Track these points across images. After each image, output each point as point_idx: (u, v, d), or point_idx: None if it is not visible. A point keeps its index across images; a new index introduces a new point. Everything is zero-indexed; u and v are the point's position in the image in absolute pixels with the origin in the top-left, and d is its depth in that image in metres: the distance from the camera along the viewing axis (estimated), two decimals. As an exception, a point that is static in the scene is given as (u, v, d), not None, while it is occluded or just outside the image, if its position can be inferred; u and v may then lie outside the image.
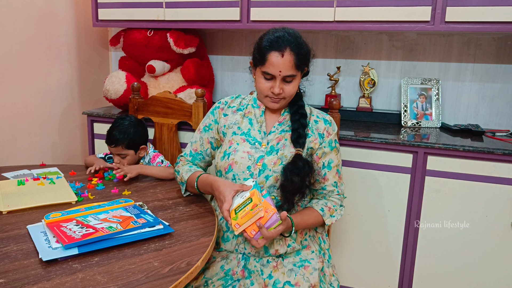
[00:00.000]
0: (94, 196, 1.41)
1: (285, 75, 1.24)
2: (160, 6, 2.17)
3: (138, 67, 2.37)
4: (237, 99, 1.44)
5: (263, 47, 1.25)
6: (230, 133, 1.36)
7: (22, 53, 2.13)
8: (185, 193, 1.42)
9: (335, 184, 1.36)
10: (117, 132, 1.64)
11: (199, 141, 1.44)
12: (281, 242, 1.26)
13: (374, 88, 2.20)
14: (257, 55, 1.28)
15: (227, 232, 1.29)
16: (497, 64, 2.05)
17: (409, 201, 1.80)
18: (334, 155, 1.35)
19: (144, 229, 1.12)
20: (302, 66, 1.28)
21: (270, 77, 1.25)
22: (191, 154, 1.45)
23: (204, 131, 1.44)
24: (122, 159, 1.67)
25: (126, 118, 1.71)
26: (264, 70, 1.25)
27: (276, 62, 1.22)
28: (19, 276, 0.91)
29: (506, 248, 1.70)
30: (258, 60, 1.27)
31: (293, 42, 1.24)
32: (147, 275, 0.93)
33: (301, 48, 1.26)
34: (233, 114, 1.40)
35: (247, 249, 1.26)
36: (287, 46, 1.22)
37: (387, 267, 1.88)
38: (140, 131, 1.71)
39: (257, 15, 2.02)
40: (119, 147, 1.65)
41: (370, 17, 1.86)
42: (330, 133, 1.35)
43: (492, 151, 1.64)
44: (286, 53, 1.22)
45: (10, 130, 2.11)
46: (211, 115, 1.44)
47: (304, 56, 1.27)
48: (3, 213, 1.24)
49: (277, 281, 1.20)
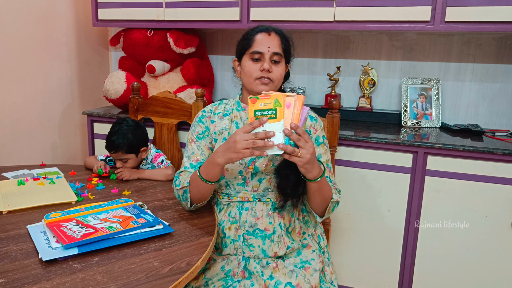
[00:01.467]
0: (94, 196, 1.41)
1: (273, 52, 1.26)
2: (160, 6, 2.17)
3: (138, 67, 2.37)
4: (220, 105, 1.41)
5: (250, 32, 1.32)
6: (221, 140, 1.34)
7: (22, 53, 2.13)
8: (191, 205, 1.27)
9: (328, 179, 1.34)
10: (116, 137, 1.63)
11: (197, 151, 1.34)
12: (279, 244, 1.26)
13: (374, 88, 2.20)
14: (243, 41, 1.32)
15: (225, 238, 1.28)
16: (497, 64, 2.05)
17: (409, 201, 1.80)
18: (322, 150, 1.33)
19: (144, 229, 1.12)
20: (287, 53, 1.31)
21: (259, 57, 1.27)
22: (192, 166, 1.33)
23: (198, 139, 1.36)
24: (125, 163, 1.67)
25: (124, 123, 1.69)
26: (253, 50, 1.27)
27: (265, 39, 1.28)
28: (19, 276, 0.90)
29: (506, 248, 1.70)
30: (245, 45, 1.30)
31: (277, 29, 1.32)
32: (147, 275, 0.93)
33: (285, 35, 1.33)
34: (220, 120, 1.37)
35: (246, 253, 1.26)
36: (273, 30, 1.31)
37: (387, 267, 1.88)
38: (139, 134, 1.70)
39: (257, 15, 2.02)
40: (120, 152, 1.65)
41: (370, 17, 1.86)
42: (316, 129, 1.34)
43: (492, 151, 1.64)
44: (273, 34, 1.29)
45: (10, 130, 2.11)
46: (200, 123, 1.38)
47: (288, 43, 1.32)
48: (3, 213, 1.24)
49: (278, 282, 1.20)
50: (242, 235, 1.25)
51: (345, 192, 1.86)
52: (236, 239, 1.26)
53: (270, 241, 1.25)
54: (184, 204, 1.28)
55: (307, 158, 1.07)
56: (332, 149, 1.65)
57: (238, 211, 1.28)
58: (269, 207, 1.27)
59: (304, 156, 1.06)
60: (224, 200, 1.31)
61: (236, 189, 1.29)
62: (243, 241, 1.25)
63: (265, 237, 1.25)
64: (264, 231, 1.25)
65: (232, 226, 1.27)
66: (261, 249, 1.25)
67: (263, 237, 1.25)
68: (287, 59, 1.33)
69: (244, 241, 1.25)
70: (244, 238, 1.25)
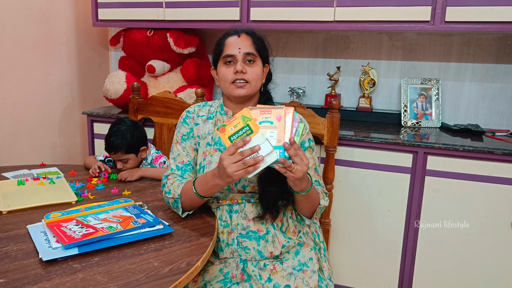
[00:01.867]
0: (94, 196, 1.41)
1: (245, 52, 1.26)
2: (160, 6, 2.17)
3: (138, 67, 2.37)
4: (204, 107, 1.39)
5: (221, 38, 1.32)
6: (204, 144, 1.33)
7: (22, 53, 2.13)
8: (182, 213, 1.26)
9: (316, 182, 1.34)
10: (114, 138, 1.63)
11: (183, 152, 1.34)
12: (274, 244, 1.25)
13: (374, 88, 2.20)
14: (216, 48, 1.32)
15: (220, 242, 1.28)
16: (497, 64, 2.05)
17: (409, 201, 1.80)
18: (309, 155, 1.31)
19: (144, 229, 1.12)
20: (261, 52, 1.30)
21: (231, 60, 1.26)
22: (178, 168, 1.32)
23: (183, 140, 1.35)
24: (125, 164, 1.67)
25: (122, 123, 1.69)
26: (225, 54, 1.27)
27: (234, 41, 1.27)
28: (19, 276, 0.90)
29: (506, 248, 1.70)
30: (217, 51, 1.31)
31: (248, 29, 1.32)
32: (147, 275, 0.93)
33: (256, 34, 1.32)
34: (204, 123, 1.35)
35: (242, 255, 1.26)
36: (242, 31, 1.30)
37: (387, 267, 1.88)
38: (138, 133, 1.69)
39: (257, 15, 2.02)
40: (119, 153, 1.64)
41: (370, 17, 1.86)
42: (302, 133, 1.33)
43: (492, 151, 1.64)
44: (242, 35, 1.29)
45: (10, 130, 2.11)
46: (185, 124, 1.37)
47: (261, 42, 1.31)
48: (3, 213, 1.24)
49: (277, 284, 1.20)
50: (235, 238, 1.25)
51: (345, 192, 1.86)
52: (231, 243, 1.25)
53: (264, 242, 1.24)
54: (174, 210, 1.28)
55: (299, 176, 1.07)
56: (332, 149, 1.64)
57: (228, 214, 1.27)
58: (259, 208, 1.25)
59: (297, 174, 1.06)
60: (213, 204, 1.30)
61: (224, 193, 1.28)
62: (238, 244, 1.25)
63: (259, 238, 1.24)
64: (257, 232, 1.25)
65: (225, 230, 1.26)
66: (256, 250, 1.24)
67: (257, 239, 1.24)
68: (264, 59, 1.31)
69: (239, 244, 1.25)
70: (239, 241, 1.25)
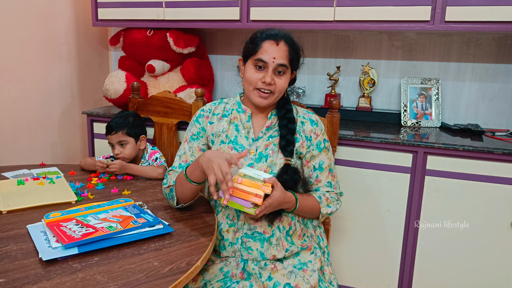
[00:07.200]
0: (94, 195, 1.41)
1: (278, 63, 1.22)
2: (160, 6, 2.17)
3: (138, 66, 2.37)
4: (220, 104, 1.38)
5: (258, 37, 1.25)
6: (218, 142, 1.33)
7: (21, 52, 2.13)
8: (177, 203, 1.27)
9: (328, 184, 1.34)
10: (117, 119, 1.70)
11: (188, 152, 1.34)
12: (278, 247, 1.25)
13: (374, 87, 2.20)
14: (250, 45, 1.26)
15: (223, 240, 1.28)
16: (496, 63, 2.05)
17: (409, 200, 1.80)
18: (324, 156, 1.33)
19: (144, 229, 1.12)
20: (294, 63, 1.27)
21: (262, 66, 1.23)
22: (180, 166, 1.34)
23: (192, 140, 1.35)
24: (122, 148, 1.67)
25: (124, 111, 1.79)
26: (257, 57, 1.23)
27: (271, 49, 1.22)
28: (19, 275, 0.90)
29: (506, 248, 1.70)
30: (250, 49, 1.25)
31: (288, 36, 1.26)
32: (147, 274, 0.93)
33: (295, 44, 1.28)
34: (219, 121, 1.35)
35: (244, 255, 1.26)
36: (282, 38, 1.24)
37: (387, 266, 1.88)
38: (139, 120, 1.77)
39: (257, 15, 2.02)
40: (120, 133, 1.66)
41: (370, 17, 1.86)
42: (317, 134, 1.33)
43: (492, 150, 1.64)
44: (281, 43, 1.24)
45: (10, 130, 2.11)
46: (197, 123, 1.37)
47: (297, 52, 1.28)
48: (3, 213, 1.24)
49: (277, 283, 1.20)
50: (240, 238, 1.25)
51: (345, 192, 1.86)
52: (234, 242, 1.25)
53: (268, 244, 1.24)
54: (171, 203, 1.29)
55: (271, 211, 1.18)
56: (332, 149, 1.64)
57: (236, 214, 1.27)
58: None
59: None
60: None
61: None
62: (241, 243, 1.25)
63: (263, 240, 1.24)
64: (262, 234, 1.25)
65: (230, 229, 1.27)
66: (259, 252, 1.24)
67: (262, 240, 1.24)
68: (294, 67, 1.29)
69: (243, 244, 1.25)
70: (243, 241, 1.25)
